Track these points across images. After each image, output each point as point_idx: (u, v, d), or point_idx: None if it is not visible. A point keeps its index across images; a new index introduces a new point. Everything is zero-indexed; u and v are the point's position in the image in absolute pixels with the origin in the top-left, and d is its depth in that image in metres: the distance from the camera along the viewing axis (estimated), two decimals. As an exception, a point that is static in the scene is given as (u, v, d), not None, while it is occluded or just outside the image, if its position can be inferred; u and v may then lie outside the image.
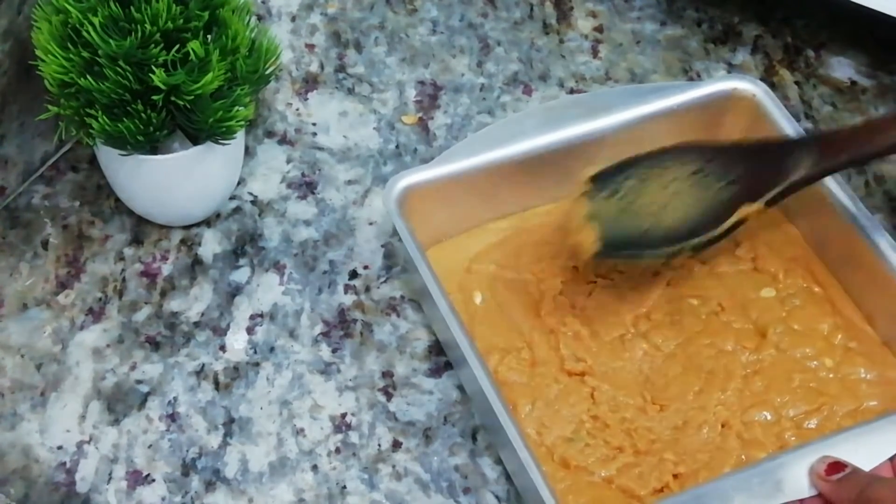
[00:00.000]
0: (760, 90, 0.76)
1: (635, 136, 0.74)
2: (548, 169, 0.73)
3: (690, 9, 0.93)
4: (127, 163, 0.72)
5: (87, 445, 0.69)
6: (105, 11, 0.67)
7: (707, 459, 0.66)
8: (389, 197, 0.67)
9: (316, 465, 0.68)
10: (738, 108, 0.76)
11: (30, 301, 0.75)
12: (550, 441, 0.67)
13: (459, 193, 0.70)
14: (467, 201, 0.72)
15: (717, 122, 0.77)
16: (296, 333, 0.74)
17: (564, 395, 0.68)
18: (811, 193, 0.72)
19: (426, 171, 0.69)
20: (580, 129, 0.73)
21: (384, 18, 0.92)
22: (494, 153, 0.71)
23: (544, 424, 0.67)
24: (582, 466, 0.66)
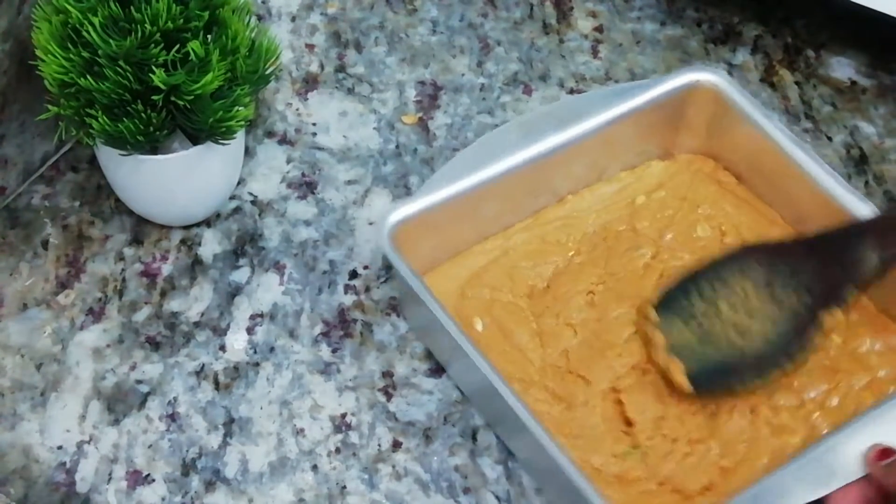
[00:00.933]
0: (722, 80, 0.76)
1: (607, 139, 0.75)
2: (526, 184, 0.73)
3: (690, 9, 0.93)
4: (127, 163, 0.72)
5: (87, 445, 0.69)
6: (105, 11, 0.67)
7: (746, 450, 0.67)
8: (382, 235, 0.67)
9: (316, 465, 0.68)
10: (701, 99, 0.76)
11: (30, 301, 0.75)
12: (600, 462, 0.66)
13: (445, 221, 0.70)
14: (453, 227, 0.72)
15: (681, 114, 0.77)
16: (296, 333, 0.74)
17: (599, 414, 0.68)
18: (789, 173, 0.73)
19: (413, 204, 0.69)
20: (554, 141, 0.73)
21: (384, 18, 0.92)
22: (475, 176, 0.71)
23: (590, 448, 0.67)
24: (635, 478, 0.66)
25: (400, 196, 0.81)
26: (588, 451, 0.66)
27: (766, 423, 0.68)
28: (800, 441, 0.67)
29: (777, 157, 0.74)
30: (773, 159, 0.74)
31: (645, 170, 0.79)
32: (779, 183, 0.75)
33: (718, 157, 0.79)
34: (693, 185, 0.78)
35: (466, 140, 0.84)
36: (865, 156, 0.83)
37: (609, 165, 0.77)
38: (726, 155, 0.78)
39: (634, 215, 0.76)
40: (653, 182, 0.78)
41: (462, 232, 0.73)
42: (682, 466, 0.66)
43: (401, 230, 0.68)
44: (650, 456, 0.66)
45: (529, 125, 0.73)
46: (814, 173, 0.72)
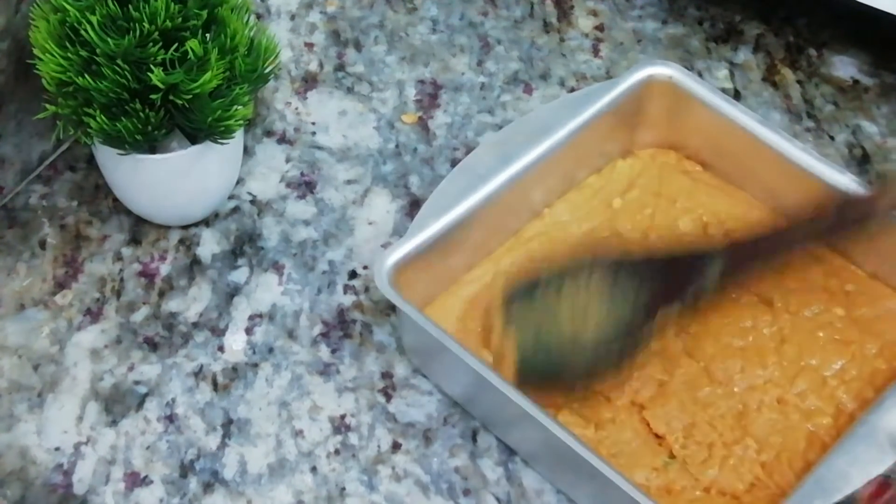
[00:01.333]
0: (676, 72, 0.76)
1: (575, 147, 0.75)
2: (507, 205, 0.73)
3: (692, 7, 0.92)
4: (125, 162, 0.72)
5: (85, 447, 0.69)
6: (103, 10, 0.67)
7: (782, 441, 0.67)
8: (382, 278, 0.66)
9: (315, 466, 0.68)
10: (657, 93, 0.77)
11: (27, 301, 0.75)
12: (643, 477, 0.66)
13: (437, 255, 0.70)
14: (445, 260, 0.71)
15: (639, 110, 0.77)
16: (295, 334, 0.74)
17: (630, 429, 0.68)
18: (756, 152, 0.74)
19: (407, 244, 0.68)
20: (529, 158, 0.73)
21: (384, 17, 0.92)
22: (461, 206, 0.70)
23: (630, 465, 0.66)
24: (681, 488, 0.66)
25: (400, 196, 0.80)
26: (629, 468, 0.65)
27: (795, 410, 0.68)
28: (831, 420, 0.68)
29: (742, 138, 0.75)
30: (737, 141, 0.75)
31: (611, 171, 0.79)
32: (747, 164, 0.76)
33: (679, 147, 0.79)
34: (663, 179, 0.78)
35: (466, 139, 0.84)
36: (868, 155, 0.83)
37: (578, 172, 0.77)
38: (688, 144, 0.79)
39: (615, 219, 0.76)
40: (623, 182, 0.78)
41: (453, 263, 0.72)
42: (723, 470, 0.66)
43: (398, 271, 0.67)
44: (689, 464, 0.66)
45: (501, 145, 0.73)
46: (782, 149, 0.74)
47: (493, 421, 0.69)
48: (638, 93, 0.77)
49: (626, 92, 0.76)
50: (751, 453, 0.66)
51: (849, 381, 0.69)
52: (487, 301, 0.71)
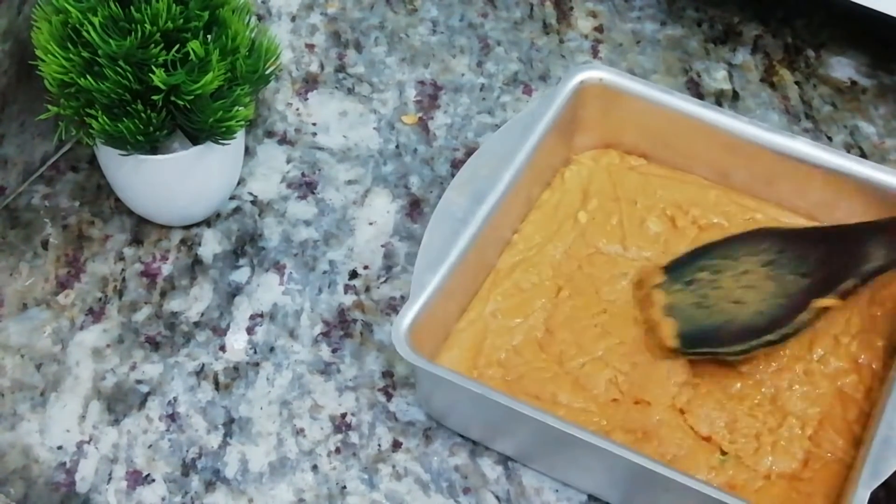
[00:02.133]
0: (609, 73, 0.77)
1: (531, 168, 0.74)
2: (487, 242, 0.72)
3: (690, 9, 0.93)
4: (127, 163, 0.72)
5: (87, 445, 0.69)
6: (105, 11, 0.67)
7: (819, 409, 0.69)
8: (400, 341, 0.65)
9: (316, 465, 0.68)
10: (591, 97, 0.77)
11: (30, 301, 0.75)
12: (705, 477, 0.66)
13: (439, 309, 0.69)
14: (444, 312, 0.70)
15: (576, 116, 0.78)
16: (296, 333, 0.74)
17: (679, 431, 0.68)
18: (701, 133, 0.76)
19: (418, 301, 0.67)
20: (498, 191, 0.72)
21: (384, 18, 0.92)
22: (452, 255, 0.69)
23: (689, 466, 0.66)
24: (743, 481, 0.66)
25: (400, 196, 0.81)
26: (689, 470, 0.65)
27: (823, 377, 0.70)
28: (856, 377, 0.69)
29: (681, 122, 0.76)
30: (676, 126, 0.76)
31: (561, 182, 0.79)
32: (689, 147, 0.77)
33: (618, 145, 0.80)
34: (614, 181, 0.79)
35: (466, 140, 0.84)
36: (866, 156, 0.83)
37: (533, 191, 0.77)
38: (626, 140, 0.79)
39: (587, 234, 0.76)
40: (577, 192, 0.78)
41: (448, 312, 0.71)
42: (777, 455, 0.67)
43: (412, 331, 0.66)
44: (743, 457, 0.67)
45: (468, 184, 0.72)
46: (720, 123, 0.75)
47: (530, 452, 0.68)
48: (573, 100, 0.77)
49: (564, 102, 0.76)
50: (796, 431, 0.68)
51: (859, 336, 0.71)
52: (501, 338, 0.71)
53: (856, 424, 0.68)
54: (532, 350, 0.71)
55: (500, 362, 0.71)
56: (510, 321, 0.72)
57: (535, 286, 0.74)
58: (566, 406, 0.68)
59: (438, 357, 0.70)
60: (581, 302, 0.73)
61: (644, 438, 0.67)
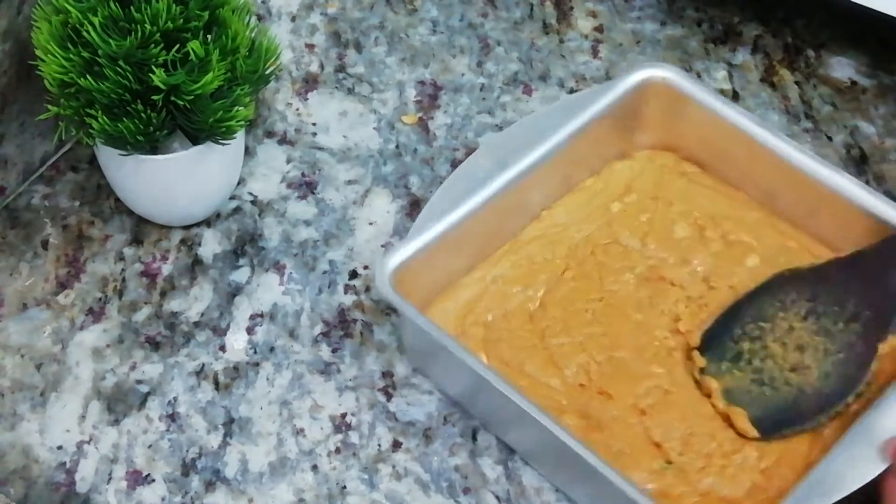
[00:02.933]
0: (673, 73, 0.77)
1: (573, 150, 0.75)
2: (505, 208, 0.73)
3: (690, 9, 0.93)
4: (127, 163, 0.72)
5: (87, 445, 0.69)
6: (105, 11, 0.67)
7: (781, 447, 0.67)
8: (383, 280, 0.66)
9: (316, 465, 0.68)
10: (654, 95, 0.77)
11: (30, 301, 0.75)
12: (640, 479, 0.66)
13: (437, 257, 0.70)
14: (444, 262, 0.71)
15: (636, 113, 0.77)
16: (296, 333, 0.74)
17: (631, 430, 0.68)
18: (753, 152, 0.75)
19: (408, 246, 0.68)
20: (527, 162, 0.73)
21: (384, 18, 0.92)
22: (461, 209, 0.70)
23: (629, 465, 0.66)
24: (679, 494, 0.66)
25: (400, 196, 0.81)
26: (628, 468, 0.65)
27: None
28: (836, 423, 0.67)
29: (738, 139, 0.75)
30: (734, 142, 0.75)
31: (610, 173, 0.79)
32: (743, 164, 0.76)
33: (677, 149, 0.79)
34: (660, 181, 0.78)
35: (466, 140, 0.84)
36: (866, 156, 0.83)
37: (575, 174, 0.77)
38: (685, 146, 0.79)
39: (614, 224, 0.76)
40: (620, 185, 0.78)
41: (451, 266, 0.72)
42: (723, 479, 0.66)
43: (398, 273, 0.67)
44: (687, 471, 0.66)
45: (499, 148, 0.73)
46: (779, 149, 0.74)
47: (492, 420, 0.69)
48: (634, 95, 0.77)
49: (623, 94, 0.76)
50: (751, 461, 0.66)
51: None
52: (496, 301, 0.72)
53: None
54: (520, 319, 0.72)
55: (485, 323, 0.71)
56: (510, 288, 0.73)
57: (546, 262, 0.74)
58: (531, 377, 0.69)
59: (430, 307, 0.71)
60: (582, 285, 0.73)
61: (595, 427, 0.67)
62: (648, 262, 0.74)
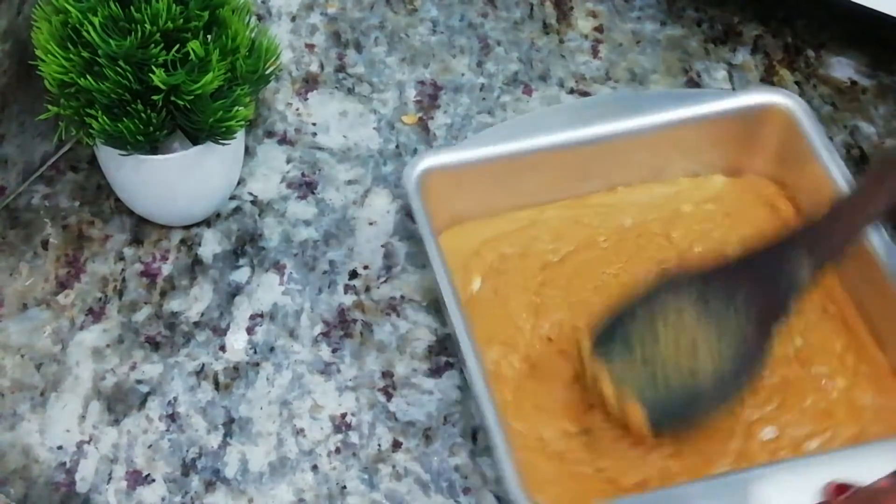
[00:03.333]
0: (798, 105, 0.75)
1: (667, 139, 0.74)
2: (572, 164, 0.72)
3: (690, 9, 0.93)
4: (127, 163, 0.72)
5: (87, 445, 0.69)
6: (105, 11, 0.67)
7: (699, 459, 0.66)
8: (410, 177, 0.66)
9: (316, 465, 0.68)
10: (775, 121, 0.76)
11: (30, 301, 0.75)
12: (548, 436, 0.66)
13: (480, 179, 0.70)
14: (487, 188, 0.71)
15: (753, 133, 0.76)
16: (296, 333, 0.74)
17: (565, 392, 0.68)
18: None
19: (449, 154, 0.68)
20: (609, 128, 0.72)
21: (384, 18, 0.92)
22: (517, 144, 0.70)
23: (544, 422, 0.67)
24: (575, 459, 0.66)
25: (400, 196, 0.81)
26: (541, 424, 0.66)
27: (744, 439, 0.67)
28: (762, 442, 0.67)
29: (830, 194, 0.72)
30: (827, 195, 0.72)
31: (706, 181, 0.78)
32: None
33: (784, 184, 0.77)
34: (745, 205, 0.77)
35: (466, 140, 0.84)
36: (866, 156, 0.83)
37: (668, 167, 0.76)
38: (791, 183, 0.77)
39: (674, 221, 0.76)
40: (708, 194, 0.77)
41: (495, 195, 0.72)
42: (624, 458, 0.66)
43: (430, 178, 0.66)
44: (600, 441, 0.66)
45: (584, 110, 0.72)
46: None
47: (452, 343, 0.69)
48: (754, 115, 0.75)
49: (738, 109, 0.75)
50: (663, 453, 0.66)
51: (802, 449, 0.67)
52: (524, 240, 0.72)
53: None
54: (534, 263, 0.72)
55: (502, 253, 0.73)
56: (542, 235, 0.74)
57: (589, 226, 0.75)
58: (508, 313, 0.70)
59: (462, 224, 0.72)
60: (607, 257, 0.73)
61: (537, 380, 0.68)
62: (683, 257, 0.74)
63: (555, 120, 0.73)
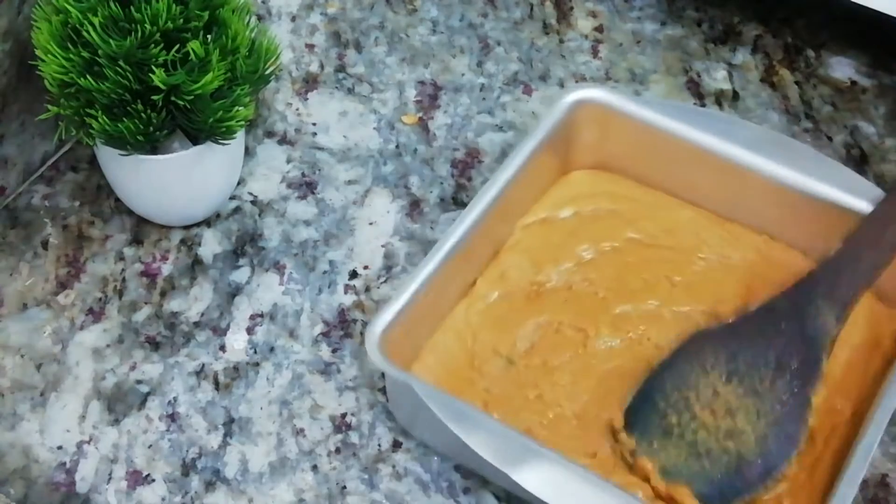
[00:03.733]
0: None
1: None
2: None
3: (690, 9, 0.93)
4: (127, 163, 0.72)
5: (87, 445, 0.69)
6: (105, 11, 0.67)
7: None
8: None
9: (316, 465, 0.68)
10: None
11: (30, 301, 0.75)
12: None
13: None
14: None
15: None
16: (296, 333, 0.74)
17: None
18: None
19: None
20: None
21: (384, 18, 0.92)
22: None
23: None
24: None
25: (400, 196, 0.81)
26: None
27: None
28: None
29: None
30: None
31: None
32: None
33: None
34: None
35: (466, 140, 0.84)
36: (866, 156, 0.83)
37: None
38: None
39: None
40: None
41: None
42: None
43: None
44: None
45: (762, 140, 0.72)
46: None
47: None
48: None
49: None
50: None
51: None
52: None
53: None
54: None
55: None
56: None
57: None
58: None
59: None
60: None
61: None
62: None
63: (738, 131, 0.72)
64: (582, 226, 0.76)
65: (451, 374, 0.69)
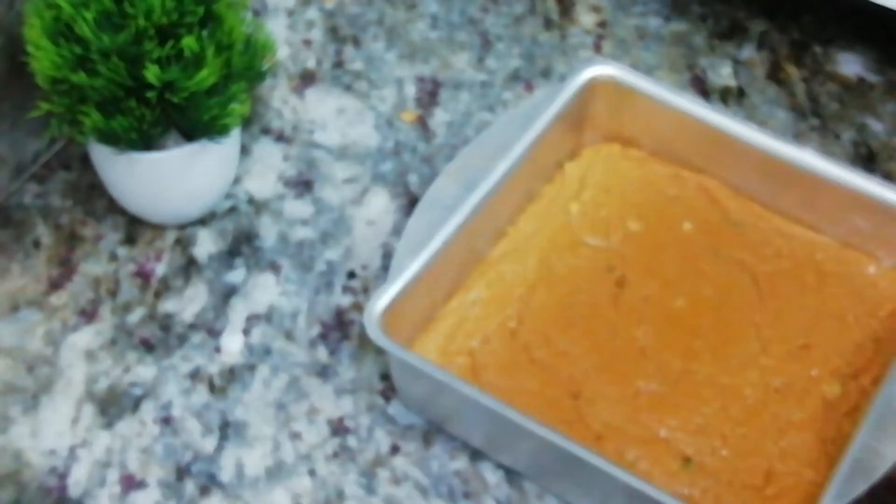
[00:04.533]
0: (619, 71, 0.77)
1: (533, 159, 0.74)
2: (476, 232, 0.72)
3: (695, 3, 0.92)
4: (120, 161, 0.71)
5: (80, 449, 0.68)
6: (98, 6, 0.66)
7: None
8: (372, 326, 0.65)
9: (313, 469, 0.68)
10: (600, 93, 0.77)
11: (21, 302, 0.74)
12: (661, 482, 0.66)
13: (419, 295, 0.69)
14: (425, 298, 0.70)
15: (584, 113, 0.78)
16: (292, 335, 0.73)
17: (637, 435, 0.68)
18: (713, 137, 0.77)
19: (391, 289, 0.67)
20: (490, 182, 0.72)
21: (383, 13, 0.91)
22: (436, 241, 0.69)
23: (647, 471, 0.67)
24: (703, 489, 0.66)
25: (399, 195, 0.80)
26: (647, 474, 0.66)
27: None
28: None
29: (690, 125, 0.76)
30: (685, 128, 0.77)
31: (562, 176, 0.78)
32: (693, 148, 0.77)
33: (624, 140, 0.80)
34: (609, 171, 0.79)
35: (466, 138, 0.83)
36: (874, 153, 0.82)
37: (534, 184, 0.77)
38: (632, 136, 0.79)
39: (574, 225, 0.76)
40: (574, 185, 0.78)
41: (432, 299, 0.71)
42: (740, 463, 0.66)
43: (386, 317, 0.66)
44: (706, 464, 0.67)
45: (461, 171, 0.73)
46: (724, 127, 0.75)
47: (499, 446, 0.67)
48: (582, 96, 0.77)
49: (572, 97, 0.76)
50: (768, 443, 0.67)
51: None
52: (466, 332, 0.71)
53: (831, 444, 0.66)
54: (502, 340, 0.71)
55: (470, 351, 0.71)
56: (487, 310, 0.72)
57: (518, 276, 0.74)
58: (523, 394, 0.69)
59: (414, 343, 0.70)
60: (556, 292, 0.73)
61: (598, 437, 0.67)
62: (615, 257, 0.75)
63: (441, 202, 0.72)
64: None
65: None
